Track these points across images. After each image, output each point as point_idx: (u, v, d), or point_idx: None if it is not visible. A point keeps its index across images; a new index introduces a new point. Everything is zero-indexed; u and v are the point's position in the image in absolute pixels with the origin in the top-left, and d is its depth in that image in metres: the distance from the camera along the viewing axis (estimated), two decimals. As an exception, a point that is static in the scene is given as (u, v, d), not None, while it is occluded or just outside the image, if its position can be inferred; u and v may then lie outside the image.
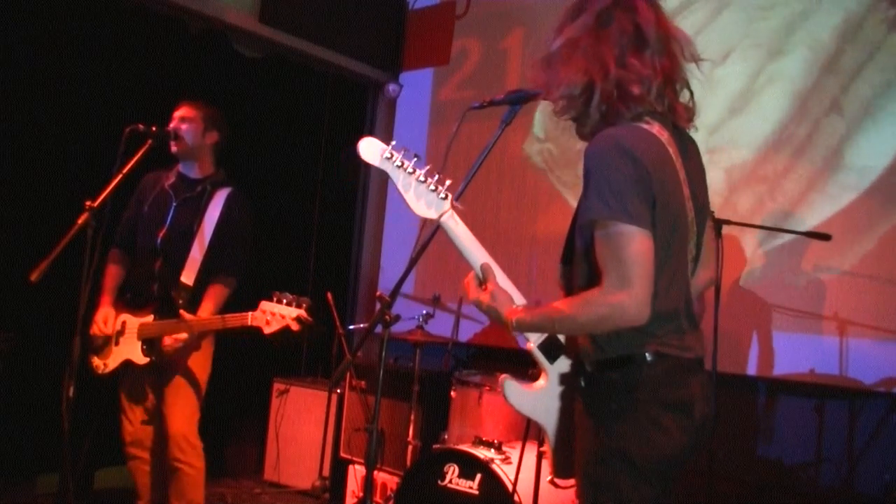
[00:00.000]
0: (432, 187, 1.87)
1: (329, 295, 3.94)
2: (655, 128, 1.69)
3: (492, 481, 3.04)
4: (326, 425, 4.08)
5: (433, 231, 2.02)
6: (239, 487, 4.54)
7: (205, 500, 3.19)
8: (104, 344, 3.19)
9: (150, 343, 3.09)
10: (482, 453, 3.14)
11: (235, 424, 4.83)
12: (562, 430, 1.88)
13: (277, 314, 2.84)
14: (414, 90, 5.71)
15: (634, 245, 1.56)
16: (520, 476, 2.97)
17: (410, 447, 3.81)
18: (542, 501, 2.92)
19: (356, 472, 4.27)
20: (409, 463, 3.74)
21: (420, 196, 1.87)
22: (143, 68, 4.39)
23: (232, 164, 3.65)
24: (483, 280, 1.84)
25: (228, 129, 3.39)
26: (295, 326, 2.85)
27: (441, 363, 4.56)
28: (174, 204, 3.19)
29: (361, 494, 4.08)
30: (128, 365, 3.14)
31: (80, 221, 2.56)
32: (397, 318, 2.25)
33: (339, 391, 4.37)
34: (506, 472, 3.03)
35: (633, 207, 1.57)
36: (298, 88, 5.37)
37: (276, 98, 5.20)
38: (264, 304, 2.87)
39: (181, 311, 3.01)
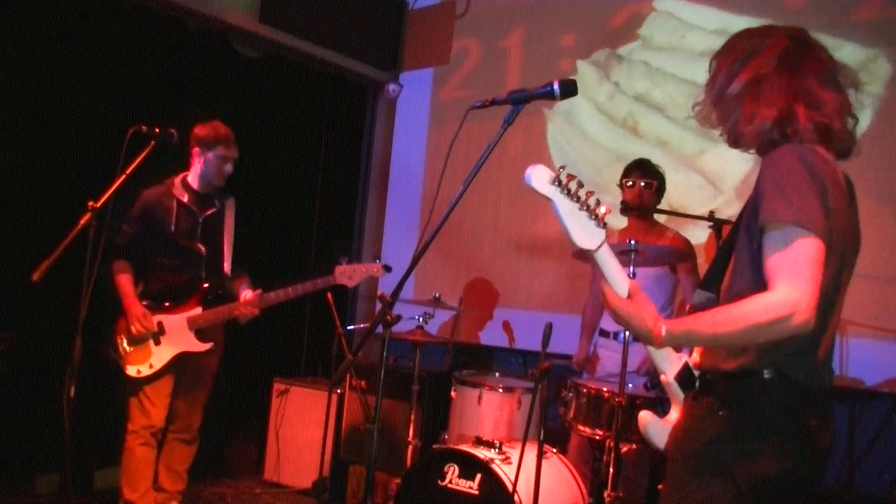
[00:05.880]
0: (592, 216, 1.72)
1: (329, 295, 3.93)
2: (830, 157, 1.69)
3: (492, 481, 3.04)
4: (326, 425, 4.07)
5: (434, 231, 2.02)
6: (239, 487, 4.54)
7: (205, 500, 3.24)
8: (139, 349, 3.39)
9: (202, 331, 3.46)
10: (482, 453, 3.13)
11: (235, 424, 4.83)
12: None
13: (358, 270, 3.42)
14: (414, 90, 5.71)
15: (811, 249, 1.52)
16: (520, 476, 2.96)
17: (410, 447, 3.81)
18: (542, 501, 2.92)
19: (356, 473, 4.28)
20: (409, 463, 3.74)
21: (580, 224, 1.71)
22: (142, 68, 4.39)
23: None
24: (630, 293, 1.72)
25: None
26: (380, 272, 3.45)
27: (441, 363, 4.57)
28: (201, 220, 3.55)
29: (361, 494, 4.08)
30: (176, 358, 3.41)
31: (82, 222, 2.56)
32: (398, 318, 2.25)
33: (339, 391, 4.36)
34: (506, 472, 3.02)
35: (812, 213, 1.54)
36: (298, 88, 5.36)
37: (275, 98, 5.20)
38: (339, 268, 3.42)
39: (259, 291, 3.49)
